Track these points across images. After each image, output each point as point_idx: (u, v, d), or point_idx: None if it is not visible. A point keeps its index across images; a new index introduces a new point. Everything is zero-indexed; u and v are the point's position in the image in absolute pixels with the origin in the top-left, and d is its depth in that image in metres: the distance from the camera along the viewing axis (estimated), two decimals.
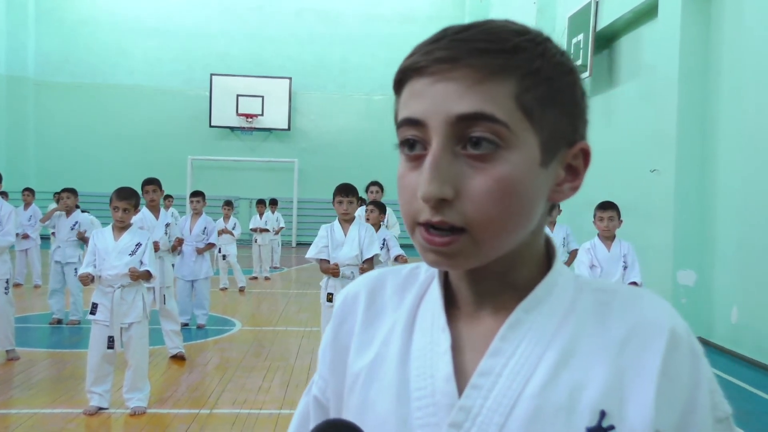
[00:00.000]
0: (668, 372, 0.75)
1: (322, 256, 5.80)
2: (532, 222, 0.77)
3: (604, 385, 0.74)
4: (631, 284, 5.55)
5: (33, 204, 11.54)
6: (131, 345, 5.17)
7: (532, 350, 0.77)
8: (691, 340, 0.78)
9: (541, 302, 0.79)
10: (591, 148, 0.81)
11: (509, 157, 0.72)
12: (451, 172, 0.72)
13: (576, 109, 0.79)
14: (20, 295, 9.99)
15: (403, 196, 0.76)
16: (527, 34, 0.75)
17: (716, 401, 0.80)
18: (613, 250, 5.73)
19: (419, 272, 0.90)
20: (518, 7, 16.67)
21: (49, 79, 22.10)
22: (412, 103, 0.74)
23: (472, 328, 0.82)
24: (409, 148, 0.75)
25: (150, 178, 6.96)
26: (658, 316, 0.78)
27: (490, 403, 0.75)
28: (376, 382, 0.83)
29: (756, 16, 7.58)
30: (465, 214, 0.72)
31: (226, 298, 11.11)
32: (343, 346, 0.90)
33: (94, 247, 5.16)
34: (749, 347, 7.40)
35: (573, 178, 0.80)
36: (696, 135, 8.51)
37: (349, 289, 0.93)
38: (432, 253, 0.75)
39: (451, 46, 0.72)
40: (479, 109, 0.71)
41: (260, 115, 22.24)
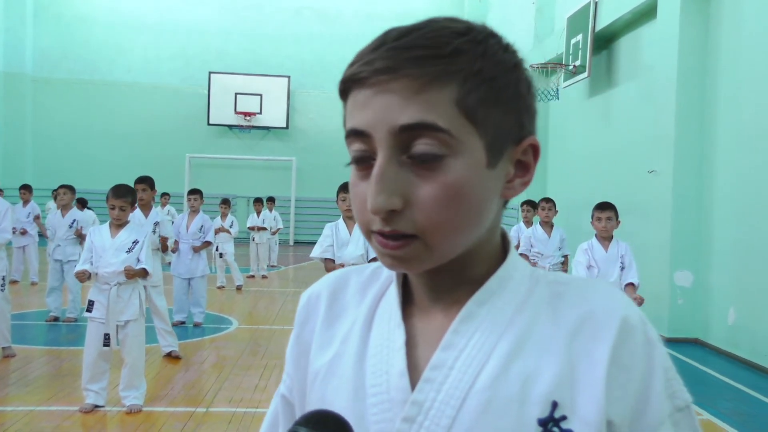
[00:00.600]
0: (619, 361, 0.75)
1: (327, 256, 5.75)
2: (484, 222, 0.78)
3: (556, 375, 0.75)
4: (628, 285, 5.56)
5: (31, 201, 11.52)
6: (127, 343, 5.16)
7: (484, 342, 0.77)
8: (646, 329, 0.79)
9: (493, 295, 0.80)
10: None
11: (454, 163, 0.72)
12: (397, 182, 0.72)
13: (521, 105, 0.78)
14: (17, 292, 9.98)
15: (356, 205, 0.77)
16: (468, 34, 0.74)
17: (675, 389, 0.80)
18: (611, 250, 5.74)
19: (382, 271, 0.91)
20: (517, 8, 16.67)
21: (47, 75, 22.06)
22: (357, 114, 0.74)
23: (427, 323, 0.82)
24: (358, 164, 0.76)
25: (141, 177, 6.94)
26: (609, 305, 0.79)
27: (443, 396, 0.76)
28: (335, 379, 0.84)
29: (754, 17, 7.59)
30: (415, 222, 0.73)
31: (223, 297, 11.10)
32: (305, 345, 0.91)
33: (91, 244, 5.17)
34: (746, 349, 7.41)
35: (523, 174, 0.81)
36: (694, 136, 8.51)
37: (313, 289, 0.95)
38: (388, 258, 0.76)
39: (389, 56, 0.72)
40: (421, 119, 0.71)
41: (258, 113, 22.21)
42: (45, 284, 9.04)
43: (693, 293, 8.44)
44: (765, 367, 7.03)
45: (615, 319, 0.77)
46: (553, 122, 14.82)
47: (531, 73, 0.82)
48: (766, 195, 7.18)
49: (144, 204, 6.91)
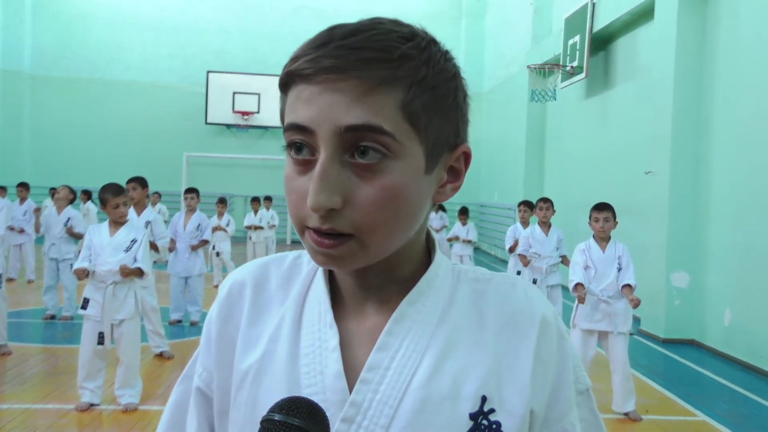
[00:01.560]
0: (540, 355, 0.82)
1: None
2: (417, 224, 0.81)
3: (484, 371, 0.79)
4: (625, 286, 5.56)
5: (28, 199, 11.51)
6: (122, 341, 5.16)
7: (417, 343, 0.80)
8: (558, 323, 0.85)
9: (423, 295, 0.83)
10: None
11: (395, 166, 0.74)
12: (339, 181, 0.73)
13: (458, 113, 0.81)
14: (13, 290, 9.96)
15: (291, 199, 0.78)
16: (413, 40, 0.76)
17: (578, 375, 0.87)
18: (608, 251, 5.74)
19: (302, 263, 0.92)
20: (515, 8, 16.68)
21: (45, 73, 22.02)
22: (300, 109, 0.75)
23: (360, 323, 0.84)
24: (296, 151, 0.77)
25: (133, 177, 6.93)
26: (530, 303, 0.85)
27: (380, 397, 0.78)
28: (266, 379, 0.84)
29: (751, 18, 7.60)
30: (353, 222, 0.74)
31: None
32: (229, 341, 0.90)
33: (90, 242, 5.17)
34: (742, 350, 7.42)
35: (455, 179, 0.83)
36: (691, 137, 8.53)
37: (235, 279, 0.93)
38: (321, 255, 0.77)
39: (337, 55, 0.72)
40: (367, 121, 0.72)
41: (256, 112, 22.20)
42: (41, 282, 9.02)
43: (689, 294, 8.45)
44: (761, 368, 7.04)
45: (536, 318, 0.83)
46: (550, 123, 14.84)
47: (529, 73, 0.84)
48: (762, 196, 7.19)
49: (136, 203, 6.89)
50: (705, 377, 6.95)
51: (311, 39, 0.76)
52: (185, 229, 8.51)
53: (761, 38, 7.38)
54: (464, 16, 21.80)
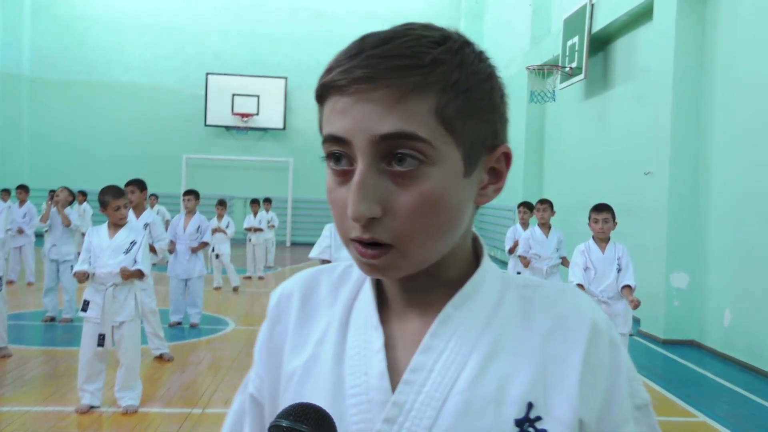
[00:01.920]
0: (590, 363, 0.79)
1: (324, 257, 5.77)
2: (459, 229, 0.80)
3: (531, 377, 0.78)
4: (625, 287, 5.56)
5: (28, 201, 11.50)
6: (122, 344, 5.15)
7: (462, 346, 0.80)
8: (610, 332, 0.83)
9: (469, 299, 0.82)
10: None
11: (433, 172, 0.74)
12: (377, 190, 0.74)
13: (495, 114, 0.80)
14: (13, 293, 9.95)
15: (335, 211, 0.79)
16: (445, 43, 0.75)
17: (635, 389, 0.85)
18: (608, 252, 5.74)
19: (353, 270, 0.92)
20: (514, 9, 16.69)
21: (44, 75, 22.02)
22: (336, 121, 0.75)
23: (404, 325, 0.84)
24: (335, 161, 0.77)
25: (131, 180, 6.93)
26: (579, 310, 0.83)
27: (423, 398, 0.78)
28: (311, 380, 0.86)
29: (750, 19, 7.61)
30: (393, 231, 0.74)
31: (220, 297, 11.09)
32: (277, 346, 0.92)
33: (89, 244, 5.16)
34: (742, 350, 7.42)
35: (496, 180, 0.83)
36: (690, 137, 8.53)
37: (284, 288, 0.95)
38: (366, 266, 0.78)
39: (368, 64, 0.72)
40: (401, 128, 0.72)
41: (255, 114, 22.20)
42: (41, 284, 9.02)
43: (689, 295, 8.45)
44: (761, 368, 7.04)
45: (586, 324, 0.81)
46: (549, 124, 14.84)
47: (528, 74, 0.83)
48: (761, 196, 7.19)
49: (135, 206, 6.88)
50: (705, 378, 6.95)
51: (344, 49, 0.77)
52: (185, 231, 8.51)
53: (760, 38, 7.39)
54: (463, 17, 21.81)
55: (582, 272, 5.69)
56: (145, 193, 7.04)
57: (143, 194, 6.98)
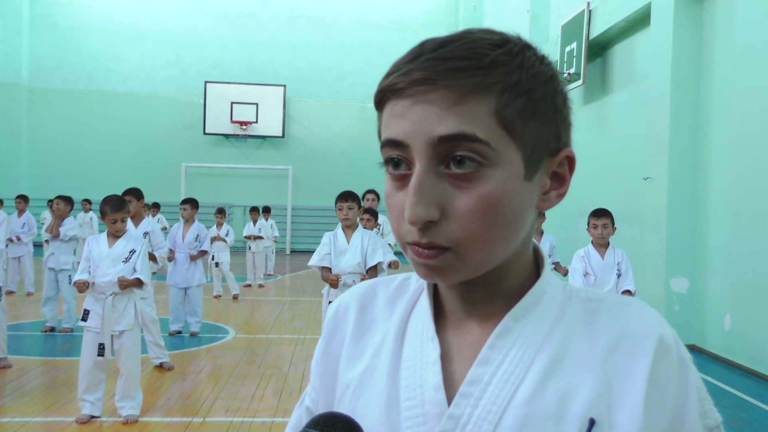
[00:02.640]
0: (656, 379, 0.75)
1: (324, 264, 5.74)
2: (520, 234, 0.78)
3: (593, 393, 0.74)
4: (625, 292, 5.56)
5: (27, 211, 11.50)
6: (123, 353, 5.14)
7: (521, 359, 0.77)
8: (680, 348, 0.78)
9: (529, 311, 0.79)
10: (576, 154, 0.81)
11: (493, 174, 0.72)
12: (435, 193, 0.72)
13: (558, 116, 0.78)
14: (13, 303, 9.95)
15: (392, 216, 0.77)
16: (505, 46, 0.74)
17: (706, 409, 0.80)
18: (607, 257, 5.74)
19: (410, 282, 0.91)
20: (512, 16, 16.73)
21: (43, 85, 22.07)
22: (394, 125, 0.74)
23: (461, 337, 0.82)
24: (394, 166, 0.76)
25: (128, 189, 6.93)
26: (646, 323, 0.78)
27: (479, 412, 0.75)
28: (367, 392, 0.84)
29: (747, 24, 7.63)
30: (451, 234, 0.73)
31: (220, 306, 11.08)
32: (333, 357, 0.90)
33: (89, 253, 5.16)
34: (742, 355, 7.41)
35: (559, 186, 0.81)
36: (688, 142, 8.54)
37: (341, 300, 0.94)
38: (423, 267, 0.76)
39: (427, 66, 0.72)
40: (460, 130, 0.71)
41: (254, 122, 22.25)
42: (40, 295, 9.00)
43: (689, 300, 8.45)
44: (762, 373, 7.03)
45: (652, 339, 0.77)
46: None
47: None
48: (760, 201, 7.20)
49: (133, 215, 6.88)
50: (706, 382, 6.81)
51: (403, 55, 0.75)
52: (184, 240, 8.51)
53: (757, 43, 7.40)
54: (461, 24, 21.85)
55: (582, 278, 5.69)
56: (142, 201, 7.04)
57: (140, 203, 6.98)
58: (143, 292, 5.63)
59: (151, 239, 6.94)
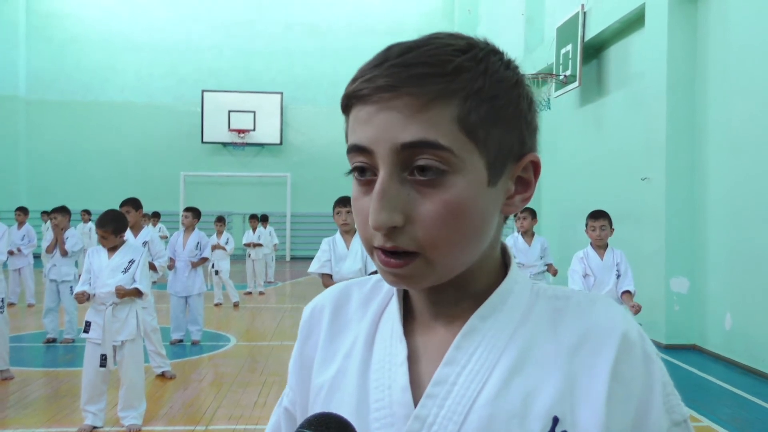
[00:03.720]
0: (619, 376, 0.76)
1: (324, 271, 5.72)
2: (485, 239, 0.78)
3: (557, 391, 0.75)
4: (624, 293, 5.57)
5: (26, 223, 11.50)
6: (125, 363, 5.15)
7: (486, 358, 0.77)
8: (645, 344, 0.79)
9: (495, 310, 0.80)
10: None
11: (456, 180, 0.73)
12: (399, 199, 0.73)
13: (522, 122, 0.78)
14: (14, 315, 9.94)
15: (358, 220, 0.78)
16: (469, 51, 0.74)
17: (672, 404, 0.80)
18: (606, 258, 5.75)
19: (383, 284, 0.91)
20: (506, 19, 16.76)
21: (40, 97, 22.09)
22: (359, 130, 0.75)
23: (429, 338, 0.82)
24: (360, 172, 0.76)
25: (126, 199, 6.93)
26: (610, 320, 0.79)
27: (445, 412, 0.76)
28: (338, 394, 0.85)
29: (741, 24, 7.66)
30: (416, 239, 0.73)
31: (221, 314, 11.08)
32: (308, 360, 0.91)
33: (90, 265, 5.17)
34: (743, 354, 7.42)
35: (524, 190, 0.81)
36: (685, 143, 8.56)
37: (316, 302, 0.95)
38: (390, 275, 0.76)
39: (391, 73, 0.72)
40: (422, 137, 0.71)
41: (252, 130, 22.27)
42: (41, 306, 8.99)
43: (689, 299, 8.46)
44: (763, 371, 7.04)
45: (615, 335, 0.77)
46: (544, 132, 14.86)
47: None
48: (758, 199, 7.21)
49: (131, 225, 6.88)
50: (707, 382, 6.94)
51: (369, 60, 0.76)
52: (184, 248, 8.52)
53: (751, 42, 7.43)
54: (456, 28, 21.89)
55: (582, 279, 5.70)
56: (141, 211, 7.04)
57: (139, 213, 6.99)
58: (144, 301, 5.63)
59: (150, 248, 6.95)
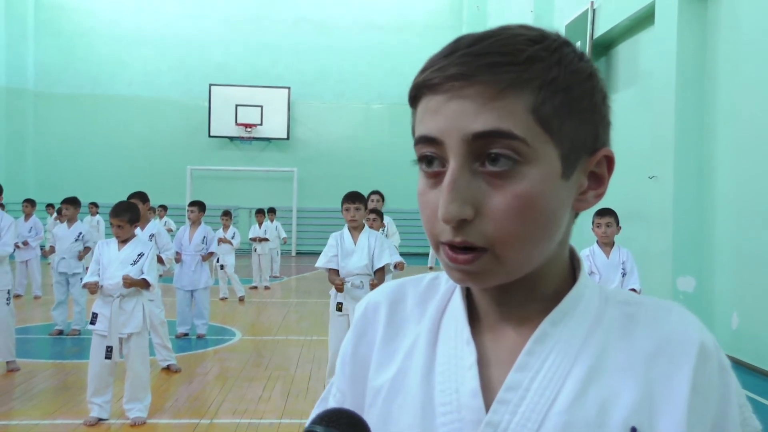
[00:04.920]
0: (698, 387, 0.74)
1: (331, 266, 5.72)
2: (557, 235, 0.76)
3: (634, 400, 0.73)
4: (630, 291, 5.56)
5: (33, 215, 11.54)
6: (131, 356, 5.17)
7: (560, 364, 0.75)
8: (720, 355, 0.77)
9: (567, 315, 0.77)
10: (614, 154, 0.79)
11: (529, 172, 0.70)
12: (470, 191, 0.70)
13: (596, 115, 0.76)
14: (20, 306, 9.98)
15: (425, 214, 0.75)
16: (542, 42, 0.73)
17: (746, 416, 0.79)
18: (612, 256, 5.74)
19: (439, 282, 0.89)
20: (515, 16, 16.72)
21: (48, 90, 22.14)
22: (428, 121, 0.72)
23: (497, 341, 0.80)
24: (427, 164, 0.74)
25: (133, 192, 6.96)
26: (686, 329, 0.77)
27: (518, 419, 0.74)
28: (400, 395, 0.82)
29: (752, 22, 7.62)
30: (486, 234, 0.71)
31: (226, 308, 11.10)
32: (363, 360, 0.88)
33: (99, 256, 5.20)
34: (750, 354, 7.39)
35: (597, 186, 0.79)
36: (694, 141, 8.53)
37: (370, 299, 0.92)
38: (457, 272, 0.74)
39: (463, 62, 0.70)
40: (495, 126, 0.69)
41: (259, 124, 22.28)
42: (48, 298, 9.03)
43: (696, 299, 8.43)
44: None
45: (693, 345, 0.75)
46: None
47: None
48: (766, 198, 7.18)
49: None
50: None
51: (439, 51, 0.74)
52: (191, 243, 8.54)
53: (762, 40, 7.39)
54: (465, 25, 21.84)
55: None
56: (148, 204, 7.08)
57: (146, 206, 7.02)
58: (151, 294, 5.65)
59: (157, 241, 6.98)
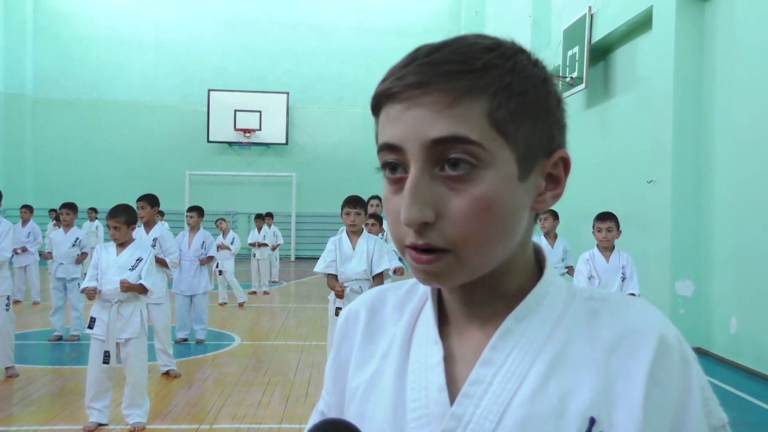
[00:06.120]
0: (657, 378, 0.75)
1: (330, 271, 5.71)
2: (516, 235, 0.78)
3: (594, 391, 0.75)
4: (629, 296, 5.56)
5: (31, 221, 11.53)
6: (129, 361, 5.16)
7: (522, 359, 0.78)
8: (682, 348, 0.78)
9: (531, 311, 0.80)
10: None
11: (486, 175, 0.73)
12: (430, 195, 0.73)
13: (551, 118, 0.80)
14: (19, 312, 9.97)
15: (390, 219, 0.78)
16: (497, 50, 0.75)
17: (711, 409, 0.79)
18: (612, 261, 5.74)
19: (418, 287, 0.92)
20: (513, 21, 16.77)
21: (47, 95, 22.15)
22: (389, 129, 0.75)
23: (464, 340, 0.83)
24: (391, 170, 0.77)
25: (143, 195, 6.98)
26: (647, 322, 0.78)
27: (481, 411, 0.76)
28: (374, 394, 0.85)
29: (748, 27, 7.64)
30: (447, 235, 0.73)
31: (225, 313, 11.09)
32: (343, 362, 0.92)
33: (98, 261, 5.19)
34: (749, 357, 7.40)
35: (554, 187, 0.81)
36: (692, 145, 8.55)
37: (351, 307, 0.96)
38: (421, 273, 0.77)
39: (420, 71, 0.73)
40: (452, 132, 0.72)
41: (258, 129, 22.30)
42: (47, 304, 9.02)
43: (694, 302, 8.44)
44: None
45: (653, 337, 0.77)
46: None
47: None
48: (765, 203, 7.19)
49: (145, 221, 6.94)
50: (712, 386, 6.81)
51: (399, 61, 0.77)
52: (190, 248, 8.53)
53: (759, 44, 7.41)
54: (463, 29, 21.88)
55: (586, 281, 5.69)
56: (156, 208, 7.07)
57: (154, 210, 7.02)
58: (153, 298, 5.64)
59: (161, 244, 6.96)
